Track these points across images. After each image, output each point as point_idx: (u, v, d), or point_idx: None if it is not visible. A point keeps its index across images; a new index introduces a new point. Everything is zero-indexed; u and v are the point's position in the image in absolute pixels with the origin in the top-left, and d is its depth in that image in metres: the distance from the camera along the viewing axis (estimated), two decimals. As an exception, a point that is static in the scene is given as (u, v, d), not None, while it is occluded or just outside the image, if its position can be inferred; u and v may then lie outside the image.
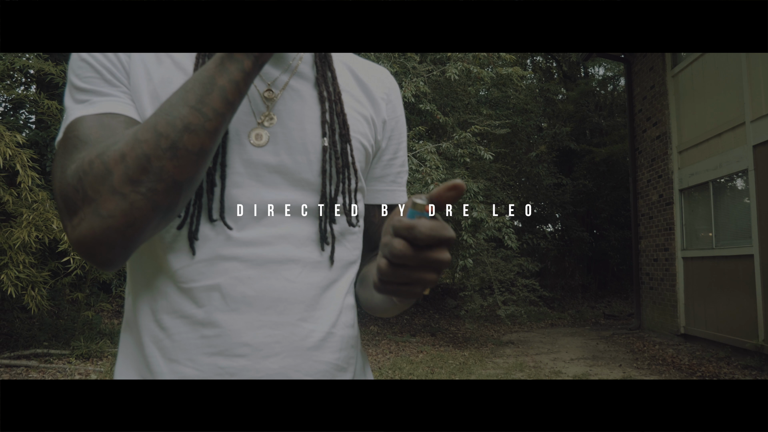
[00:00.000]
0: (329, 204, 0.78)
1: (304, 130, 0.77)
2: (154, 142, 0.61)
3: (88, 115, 0.69)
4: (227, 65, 0.63)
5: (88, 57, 0.71)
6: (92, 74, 0.71)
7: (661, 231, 8.49)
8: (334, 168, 0.78)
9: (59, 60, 5.36)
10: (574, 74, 15.91)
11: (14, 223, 4.83)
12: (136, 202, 0.61)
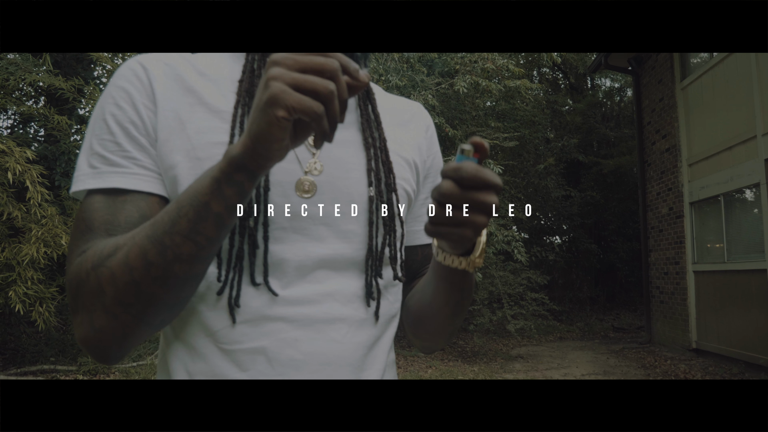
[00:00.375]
0: (376, 257, 0.74)
1: (349, 179, 0.74)
2: (144, 271, 0.59)
3: (97, 191, 0.67)
4: (224, 189, 0.57)
5: (108, 117, 0.68)
6: (108, 137, 0.68)
7: (671, 244, 8.41)
8: (381, 219, 0.75)
9: (69, 75, 5.37)
10: (581, 86, 15.89)
11: (23, 239, 4.81)
12: (126, 321, 0.60)
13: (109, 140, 0.68)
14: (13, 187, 4.60)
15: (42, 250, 4.64)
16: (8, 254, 4.70)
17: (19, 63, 4.62)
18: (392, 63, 7.35)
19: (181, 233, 0.58)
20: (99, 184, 0.67)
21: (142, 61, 0.71)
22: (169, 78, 0.71)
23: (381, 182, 0.76)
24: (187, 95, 0.71)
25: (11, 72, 4.52)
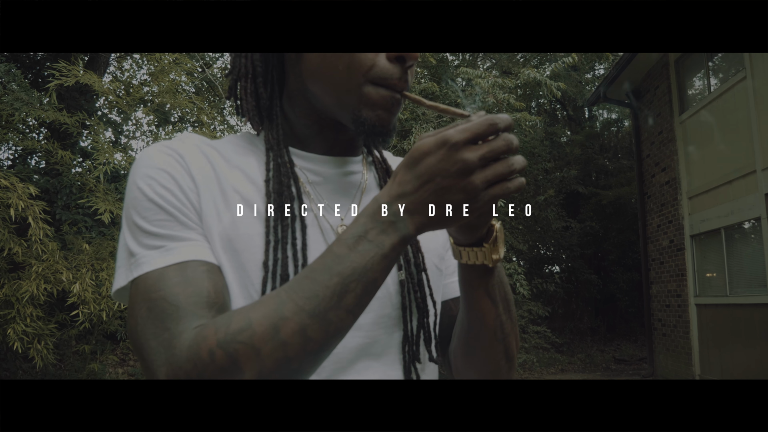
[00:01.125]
0: (413, 341, 0.74)
1: None
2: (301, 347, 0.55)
3: (169, 267, 0.62)
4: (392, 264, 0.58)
5: (156, 197, 0.64)
6: (164, 216, 0.64)
7: (672, 277, 8.39)
8: (414, 302, 0.75)
9: (73, 109, 5.39)
10: (579, 117, 16.04)
11: (23, 275, 4.76)
12: None
13: (164, 219, 0.64)
14: (14, 223, 4.57)
15: (42, 287, 4.58)
16: (8, 291, 4.64)
17: (23, 98, 4.63)
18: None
19: (347, 308, 0.56)
20: (171, 260, 0.62)
21: (173, 146, 0.69)
22: (204, 165, 0.69)
23: (410, 264, 0.75)
24: (220, 183, 0.69)
25: (16, 108, 4.53)
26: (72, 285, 4.63)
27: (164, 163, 0.67)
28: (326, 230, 0.72)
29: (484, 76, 7.63)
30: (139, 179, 0.67)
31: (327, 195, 0.75)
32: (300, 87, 0.73)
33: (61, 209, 5.87)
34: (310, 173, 0.75)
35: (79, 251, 5.06)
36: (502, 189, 0.55)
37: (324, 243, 0.71)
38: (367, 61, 0.66)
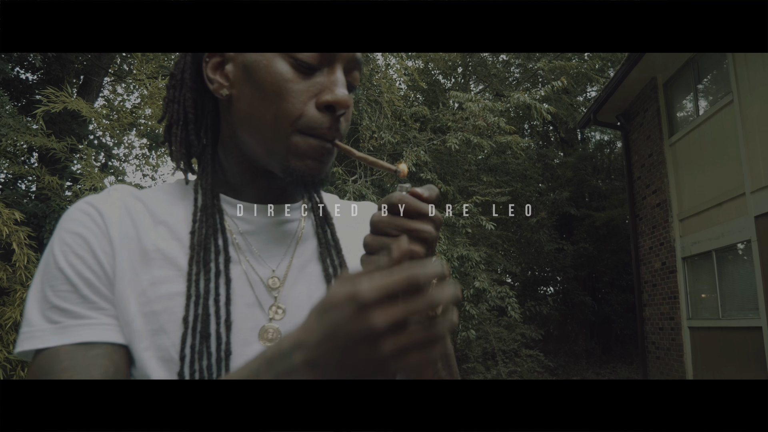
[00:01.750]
0: None
1: None
2: None
3: (62, 347, 0.61)
4: None
5: (66, 266, 0.63)
6: (68, 288, 0.63)
7: (665, 299, 8.37)
8: None
9: (62, 134, 5.40)
10: (571, 139, 16.15)
11: (7, 300, 4.72)
12: None
13: (69, 291, 0.63)
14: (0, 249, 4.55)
15: (26, 313, 4.54)
16: (-9, 317, 4.60)
17: (11, 125, 4.64)
18: (385, 120, 7.45)
19: None
20: (66, 340, 0.61)
21: (95, 204, 0.68)
22: (124, 222, 0.68)
23: None
24: (141, 243, 0.67)
25: (3, 134, 4.54)
26: (56, 311, 4.59)
27: (81, 224, 0.66)
28: (255, 283, 0.70)
29: (474, 99, 7.70)
30: (55, 243, 0.65)
31: (259, 245, 0.73)
32: (232, 134, 0.72)
33: (49, 233, 5.84)
34: (242, 222, 0.73)
35: (65, 276, 5.02)
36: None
37: (253, 296, 0.69)
38: (295, 110, 0.65)
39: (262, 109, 0.66)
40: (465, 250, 7.14)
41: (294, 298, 0.71)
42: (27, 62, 6.94)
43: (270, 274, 0.71)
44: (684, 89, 8.18)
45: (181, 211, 0.72)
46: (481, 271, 7.47)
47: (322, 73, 0.67)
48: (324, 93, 0.65)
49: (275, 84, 0.65)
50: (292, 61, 0.65)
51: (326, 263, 0.74)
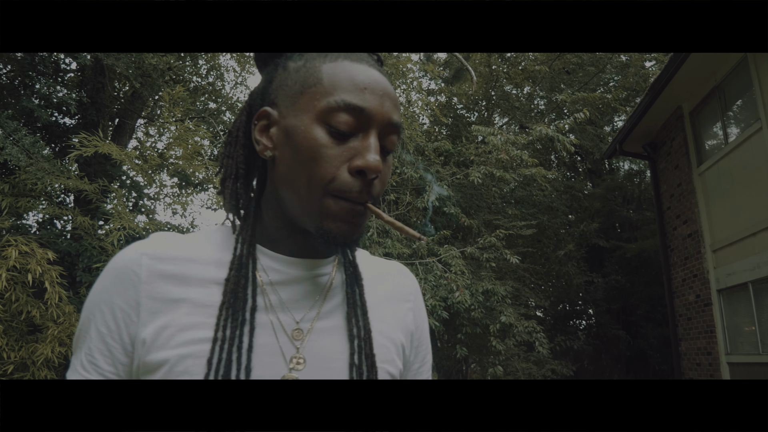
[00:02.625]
0: None
1: (330, 370, 0.74)
2: None
3: None
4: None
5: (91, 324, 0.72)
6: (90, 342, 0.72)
7: (701, 333, 8.08)
8: None
9: (95, 178, 5.61)
10: (599, 169, 15.98)
11: (40, 337, 4.85)
12: None
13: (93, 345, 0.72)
14: (33, 287, 4.70)
15: (57, 350, 4.65)
16: (24, 353, 4.72)
17: (47, 168, 4.85)
18: (408, 156, 7.53)
19: None
20: None
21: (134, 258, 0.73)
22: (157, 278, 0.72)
23: (363, 375, 0.75)
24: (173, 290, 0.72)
25: (39, 177, 4.74)
26: (86, 348, 4.70)
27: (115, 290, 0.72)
28: (279, 333, 0.74)
29: (497, 133, 7.74)
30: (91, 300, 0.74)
31: (288, 297, 0.76)
32: (274, 191, 0.77)
33: (81, 272, 6.01)
34: (275, 273, 0.77)
35: (95, 314, 5.15)
36: None
37: (277, 346, 0.72)
38: (328, 174, 0.69)
39: (299, 171, 0.70)
40: (490, 284, 7.07)
41: (316, 351, 0.74)
42: (64, 107, 7.27)
43: (295, 325, 0.75)
44: (711, 117, 8.07)
45: (213, 254, 0.77)
46: (507, 306, 7.36)
47: (357, 138, 0.70)
48: (356, 158, 0.69)
49: (311, 149, 0.69)
50: (327, 127, 0.69)
51: (351, 323, 0.78)
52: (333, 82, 0.70)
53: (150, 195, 8.91)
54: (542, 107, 13.24)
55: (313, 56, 0.74)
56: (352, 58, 0.73)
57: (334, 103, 0.69)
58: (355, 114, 0.69)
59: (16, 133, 4.81)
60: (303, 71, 0.73)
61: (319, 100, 0.70)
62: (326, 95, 0.69)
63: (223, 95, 10.54)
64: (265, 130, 0.76)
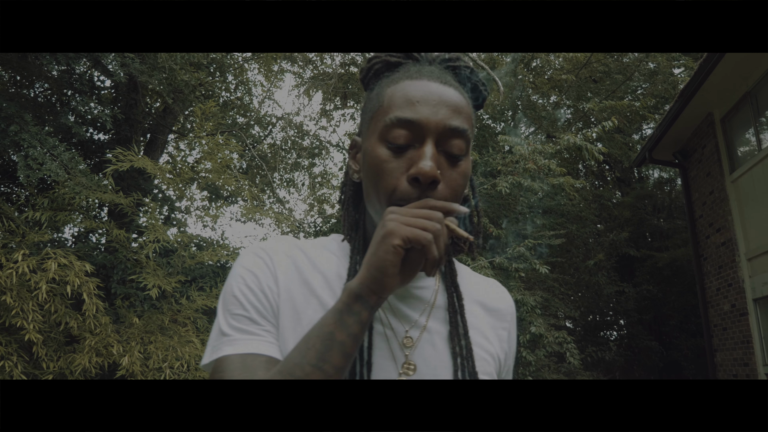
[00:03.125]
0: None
1: (433, 375, 0.80)
2: None
3: (232, 355, 0.74)
4: (346, 319, 0.66)
5: (239, 294, 0.78)
6: (240, 311, 0.77)
7: (737, 344, 7.88)
8: None
9: (129, 192, 5.75)
10: (628, 178, 15.76)
11: (77, 347, 4.98)
12: None
13: (242, 315, 0.77)
14: (71, 298, 4.84)
15: (94, 360, 4.77)
16: (62, 363, 4.85)
17: (84, 183, 5.00)
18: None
19: (310, 363, 0.65)
20: (235, 350, 0.74)
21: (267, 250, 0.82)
22: (290, 269, 0.81)
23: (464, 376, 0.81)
24: (303, 287, 0.81)
25: (77, 191, 4.88)
26: (122, 358, 4.81)
27: (254, 265, 0.80)
28: (390, 338, 0.80)
29: (524, 142, 7.70)
30: (232, 276, 0.81)
31: (397, 306, 0.83)
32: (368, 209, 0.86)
33: (116, 284, 6.16)
34: None
35: (130, 325, 5.27)
36: None
37: (389, 351, 0.78)
38: (390, 185, 0.74)
39: (370, 187, 0.78)
40: (520, 295, 7.02)
41: (424, 359, 0.79)
42: (99, 123, 7.49)
43: (404, 333, 0.81)
44: (743, 124, 7.91)
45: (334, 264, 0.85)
46: (537, 316, 7.29)
47: (414, 149, 0.75)
48: (411, 167, 0.74)
49: (375, 165, 0.76)
50: (386, 143, 0.75)
51: (453, 342, 0.82)
52: (390, 103, 0.76)
53: (180, 208, 9.10)
54: (569, 116, 13.15)
55: (383, 83, 0.81)
56: (413, 76, 0.78)
57: (389, 121, 0.75)
58: (408, 127, 0.74)
59: (55, 150, 4.97)
60: (374, 98, 0.80)
61: (379, 121, 0.77)
62: (384, 115, 0.76)
63: (251, 109, 10.73)
64: (354, 157, 0.86)
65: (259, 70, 11.36)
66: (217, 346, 0.76)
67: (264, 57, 9.92)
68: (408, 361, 0.78)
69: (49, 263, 4.58)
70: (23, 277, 4.50)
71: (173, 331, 5.22)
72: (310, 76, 11.57)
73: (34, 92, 7.55)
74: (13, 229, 4.98)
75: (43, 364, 4.72)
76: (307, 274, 0.81)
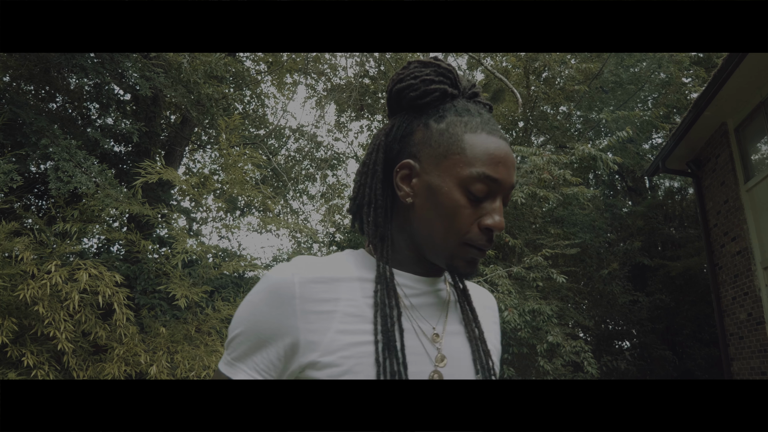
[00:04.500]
0: None
1: (461, 368, 0.90)
2: None
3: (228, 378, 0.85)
4: None
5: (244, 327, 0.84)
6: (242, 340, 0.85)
7: (754, 353, 7.87)
8: None
9: (153, 202, 5.85)
10: (639, 187, 15.79)
11: (105, 357, 5.06)
12: None
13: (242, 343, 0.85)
14: (101, 308, 4.92)
15: (122, 369, 4.84)
16: (92, 372, 4.93)
17: (113, 195, 5.11)
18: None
19: None
20: (231, 375, 0.85)
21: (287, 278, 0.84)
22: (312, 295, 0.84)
23: (484, 369, 0.93)
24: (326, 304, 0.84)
25: (106, 203, 4.99)
26: (149, 367, 4.88)
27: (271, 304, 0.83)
28: (420, 335, 0.89)
29: (538, 153, 7.78)
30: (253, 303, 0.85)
31: (422, 307, 0.93)
32: (407, 225, 0.92)
33: (140, 294, 6.25)
34: (408, 289, 0.93)
35: (156, 334, 5.35)
36: None
37: (421, 347, 0.87)
38: (464, 229, 0.86)
39: (438, 222, 0.87)
40: (536, 304, 7.06)
41: (452, 350, 0.91)
42: (121, 136, 7.61)
43: (431, 330, 0.91)
44: (757, 133, 7.96)
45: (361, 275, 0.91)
46: (553, 326, 7.33)
47: (487, 201, 0.86)
48: (486, 218, 0.86)
49: (452, 207, 0.85)
50: (466, 192, 0.85)
51: (469, 328, 0.96)
52: (474, 154, 0.85)
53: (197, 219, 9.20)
54: (579, 126, 13.21)
55: (454, 122, 0.88)
56: (487, 129, 0.87)
57: (476, 174, 0.84)
58: (489, 183, 0.85)
59: (85, 162, 5.08)
60: (447, 136, 0.87)
61: (462, 168, 0.85)
62: (468, 165, 0.85)
63: (267, 122, 10.86)
64: (406, 179, 0.90)
65: (272, 82, 11.53)
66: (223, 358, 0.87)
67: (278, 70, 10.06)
68: (441, 355, 0.88)
69: (80, 273, 4.67)
70: (55, 287, 4.59)
71: (199, 341, 5.29)
72: (323, 88, 11.71)
73: (56, 106, 7.69)
74: (44, 241, 5.08)
75: (74, 373, 4.80)
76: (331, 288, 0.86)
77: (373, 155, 0.95)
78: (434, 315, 0.92)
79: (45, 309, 4.55)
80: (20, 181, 4.65)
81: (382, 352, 0.82)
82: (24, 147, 5.26)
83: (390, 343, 0.82)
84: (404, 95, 0.92)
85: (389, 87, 0.95)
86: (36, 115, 5.30)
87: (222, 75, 6.21)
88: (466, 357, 0.91)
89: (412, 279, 0.93)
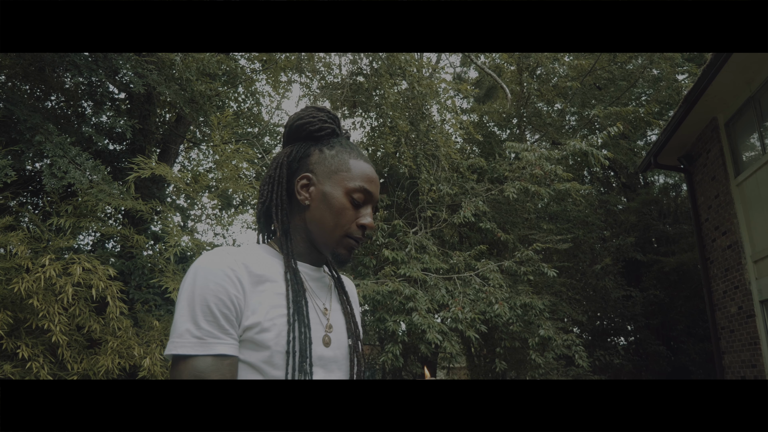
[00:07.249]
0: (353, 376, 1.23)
1: (340, 334, 1.21)
2: None
3: (204, 356, 0.98)
4: None
5: (213, 305, 1.01)
6: (211, 318, 1.01)
7: (745, 346, 7.95)
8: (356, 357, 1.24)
9: (147, 198, 5.91)
10: (633, 184, 15.86)
11: (99, 350, 5.11)
12: None
13: (212, 321, 1.01)
14: (94, 302, 4.97)
15: (116, 361, 4.90)
16: (86, 365, 4.98)
17: (106, 190, 5.16)
18: (443, 173, 7.68)
19: None
20: (208, 351, 0.99)
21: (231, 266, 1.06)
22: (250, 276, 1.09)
23: (354, 336, 1.25)
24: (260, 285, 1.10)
25: (100, 198, 5.04)
26: (143, 360, 4.94)
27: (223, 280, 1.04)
28: (317, 309, 1.19)
29: (530, 149, 7.84)
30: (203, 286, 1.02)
31: (314, 288, 1.23)
32: (303, 223, 1.22)
33: (133, 289, 6.30)
34: (305, 275, 1.22)
35: (150, 328, 5.40)
36: None
37: (317, 318, 1.17)
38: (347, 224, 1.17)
39: (329, 219, 1.17)
40: (528, 298, 7.13)
41: (335, 321, 1.22)
42: (115, 134, 7.66)
43: (323, 306, 1.22)
44: (747, 128, 8.03)
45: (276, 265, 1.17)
46: (545, 319, 7.39)
47: (363, 207, 1.20)
48: (362, 218, 1.19)
49: (340, 209, 1.17)
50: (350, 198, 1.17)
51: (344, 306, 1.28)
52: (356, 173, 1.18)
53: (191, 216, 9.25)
54: (573, 123, 13.27)
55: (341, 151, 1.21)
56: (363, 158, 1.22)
57: (358, 186, 1.18)
58: (366, 194, 1.19)
59: (78, 158, 5.14)
60: (337, 159, 1.20)
61: (349, 182, 1.18)
62: (353, 180, 1.18)
63: (260, 119, 10.91)
64: (305, 187, 1.20)
65: (267, 80, 11.57)
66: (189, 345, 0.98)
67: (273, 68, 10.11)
68: (329, 324, 1.18)
69: (73, 267, 4.72)
70: (49, 281, 4.64)
71: (192, 334, 5.34)
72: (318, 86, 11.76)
73: (51, 104, 7.74)
74: (38, 235, 5.13)
75: (68, 365, 4.85)
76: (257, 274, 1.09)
77: (278, 170, 1.23)
78: (323, 295, 1.23)
79: (39, 302, 4.60)
80: (14, 176, 4.69)
81: (292, 316, 1.08)
82: (18, 144, 5.32)
83: (299, 311, 1.09)
84: (304, 128, 1.23)
85: (289, 123, 1.25)
86: (31, 113, 5.36)
87: (214, 72, 6.26)
88: (343, 326, 1.22)
89: (308, 267, 1.23)
